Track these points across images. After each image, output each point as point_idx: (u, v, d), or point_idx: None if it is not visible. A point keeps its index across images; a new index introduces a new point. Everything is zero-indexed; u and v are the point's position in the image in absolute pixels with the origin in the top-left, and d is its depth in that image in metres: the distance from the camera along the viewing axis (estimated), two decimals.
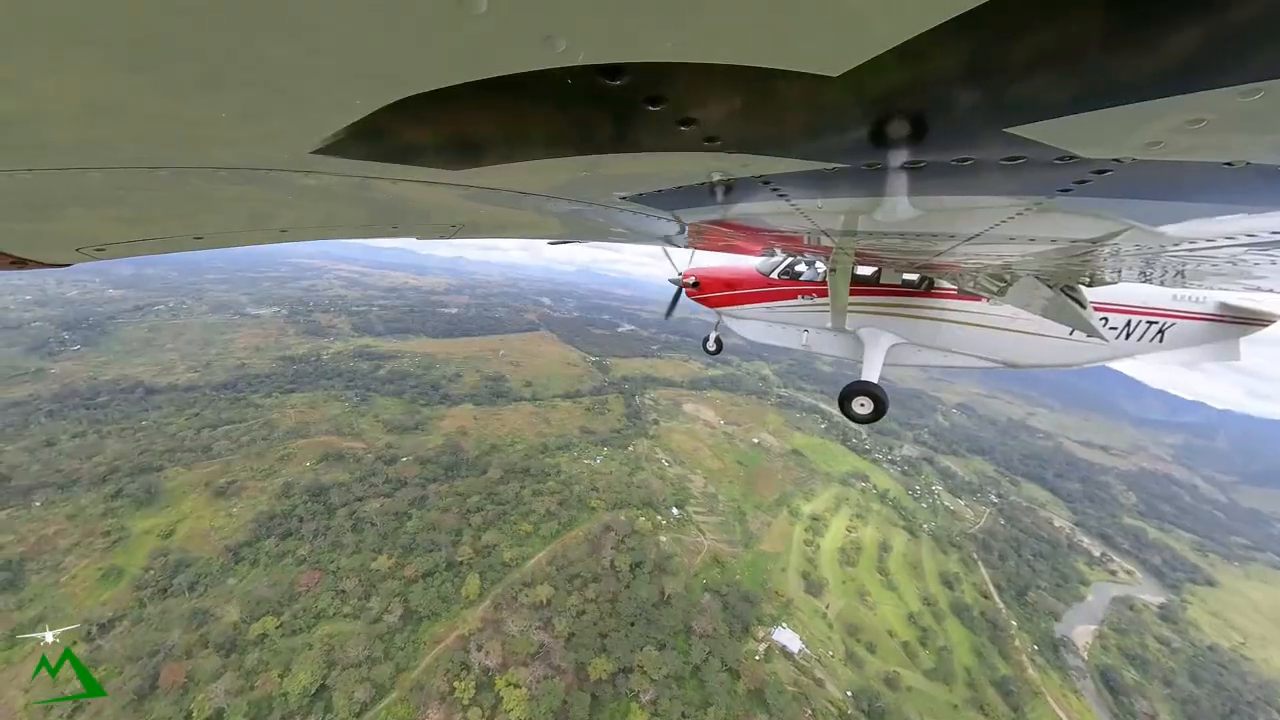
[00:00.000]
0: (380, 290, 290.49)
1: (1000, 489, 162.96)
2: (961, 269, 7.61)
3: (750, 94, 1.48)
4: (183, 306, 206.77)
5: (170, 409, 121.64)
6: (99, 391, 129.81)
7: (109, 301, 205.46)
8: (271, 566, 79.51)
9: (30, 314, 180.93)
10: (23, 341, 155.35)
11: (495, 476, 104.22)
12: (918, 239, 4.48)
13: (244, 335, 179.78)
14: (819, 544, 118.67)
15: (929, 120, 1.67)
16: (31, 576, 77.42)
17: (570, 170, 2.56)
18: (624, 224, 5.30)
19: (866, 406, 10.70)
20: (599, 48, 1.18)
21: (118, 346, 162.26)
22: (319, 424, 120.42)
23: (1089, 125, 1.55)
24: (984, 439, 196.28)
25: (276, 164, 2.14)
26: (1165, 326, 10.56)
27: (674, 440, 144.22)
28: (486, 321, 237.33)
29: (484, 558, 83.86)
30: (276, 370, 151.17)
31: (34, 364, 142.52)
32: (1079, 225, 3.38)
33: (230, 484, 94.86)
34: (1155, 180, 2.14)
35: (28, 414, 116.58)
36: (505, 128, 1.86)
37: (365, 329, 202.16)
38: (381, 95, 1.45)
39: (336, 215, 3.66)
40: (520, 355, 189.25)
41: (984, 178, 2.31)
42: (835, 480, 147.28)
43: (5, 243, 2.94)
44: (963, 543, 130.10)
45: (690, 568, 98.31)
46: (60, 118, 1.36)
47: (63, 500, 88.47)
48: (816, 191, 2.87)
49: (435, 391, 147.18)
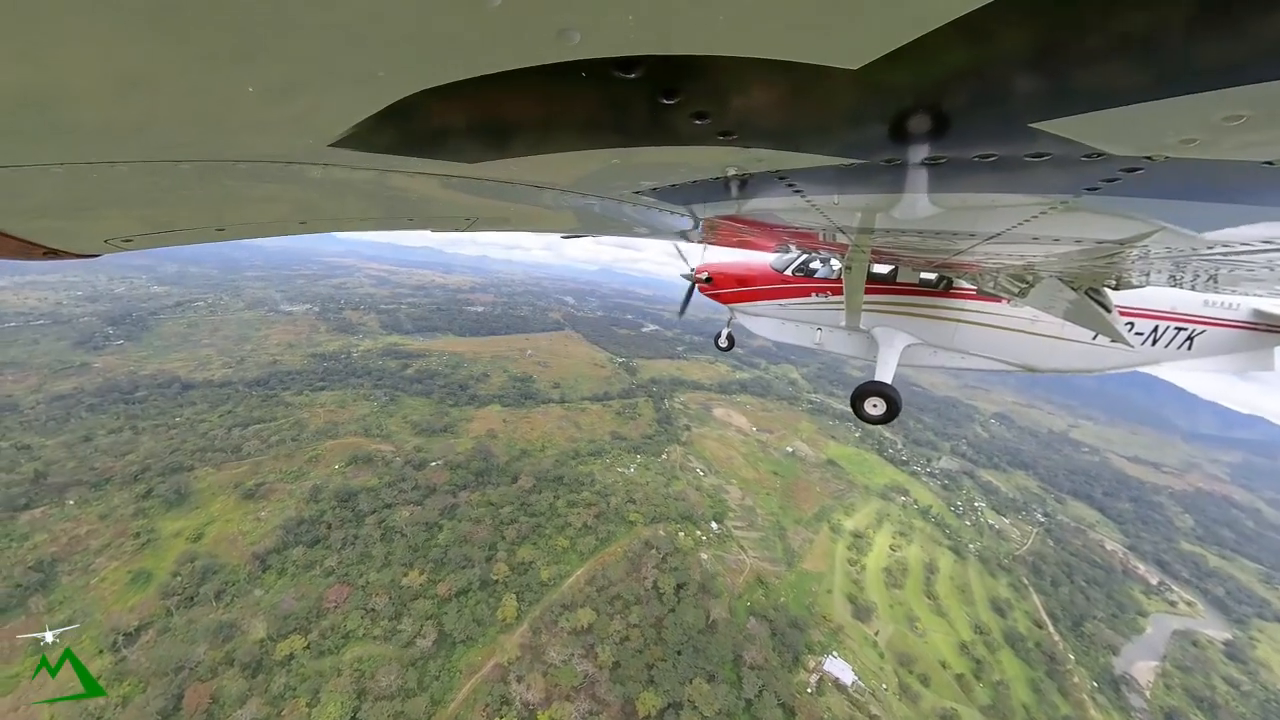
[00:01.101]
0: (408, 288, 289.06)
1: (1046, 507, 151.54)
2: (981, 269, 7.32)
3: (767, 87, 1.44)
4: (220, 303, 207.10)
5: (204, 405, 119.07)
6: (138, 386, 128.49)
7: (152, 297, 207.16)
8: (299, 577, 74.69)
9: (81, 309, 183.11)
10: (71, 335, 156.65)
11: (527, 485, 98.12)
12: (936, 237, 4.26)
13: (277, 331, 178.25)
14: (863, 563, 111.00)
15: (951, 115, 1.59)
16: (63, 578, 74.17)
17: (585, 164, 2.48)
18: (638, 218, 5.01)
19: (879, 407, 10.22)
20: (614, 41, 1.15)
21: (158, 341, 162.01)
22: (348, 424, 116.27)
23: (1119, 121, 1.46)
24: (1025, 452, 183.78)
25: (296, 156, 2.10)
26: (1195, 333, 9.91)
27: (707, 448, 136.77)
28: (512, 320, 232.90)
29: (520, 575, 77.73)
30: (307, 367, 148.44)
31: (80, 357, 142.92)
32: (1106, 226, 3.15)
33: (259, 486, 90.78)
34: (1189, 179, 2.00)
35: (70, 407, 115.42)
36: (520, 121, 1.84)
37: (394, 326, 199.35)
38: (397, 89, 1.42)
39: (353, 208, 3.56)
40: (547, 355, 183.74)
41: (1007, 175, 2.18)
42: (874, 494, 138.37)
43: (39, 235, 2.96)
44: (1012, 566, 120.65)
45: (733, 588, 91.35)
46: (90, 95, 1.29)
47: (95, 499, 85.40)
48: (833, 187, 2.76)
49: (463, 392, 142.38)
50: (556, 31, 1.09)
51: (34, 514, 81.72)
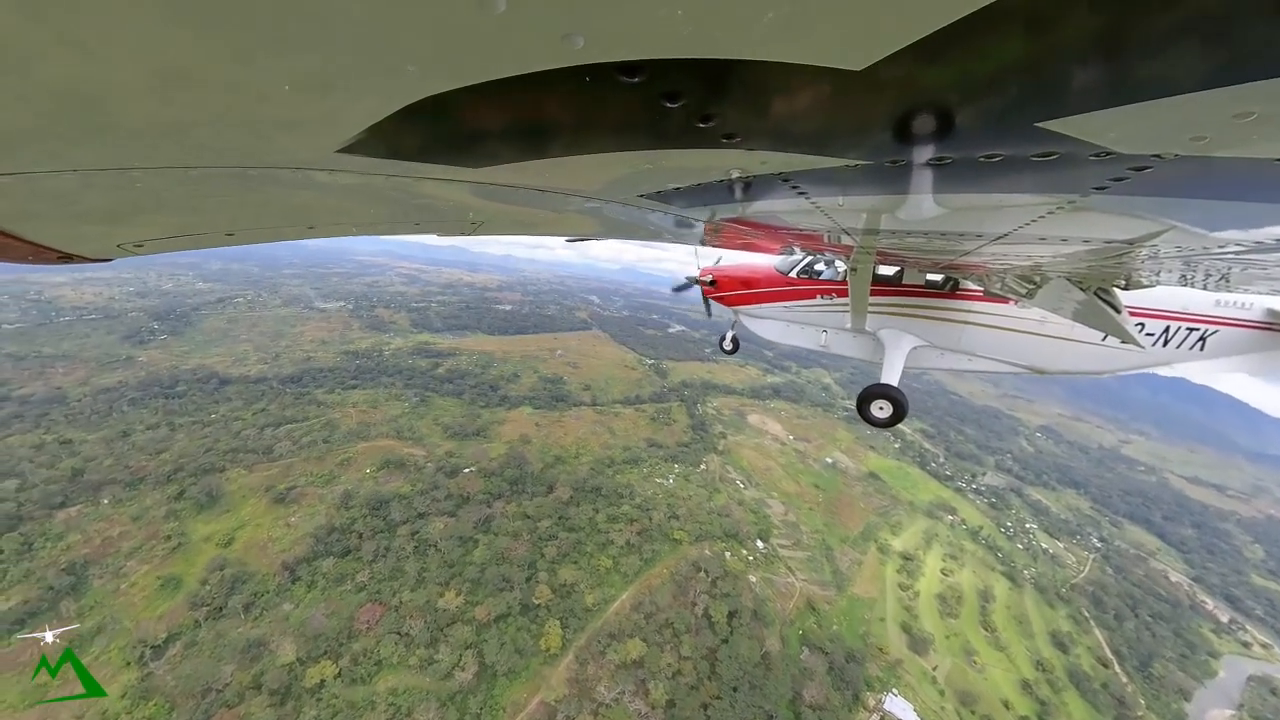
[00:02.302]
0: (437, 286, 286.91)
1: (1101, 531, 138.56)
2: (988, 270, 7.20)
3: (770, 90, 1.41)
4: (259, 299, 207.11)
5: (239, 402, 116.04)
6: (178, 380, 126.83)
7: (196, 294, 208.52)
8: (329, 591, 69.37)
9: (131, 304, 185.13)
10: (120, 330, 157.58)
11: (564, 496, 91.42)
12: (942, 238, 4.16)
13: (311, 328, 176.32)
14: (915, 589, 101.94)
15: (956, 115, 1.54)
16: (94, 581, 70.43)
17: (588, 168, 2.46)
18: (642, 221, 5.00)
19: (885, 410, 9.90)
20: (618, 45, 1.13)
21: (199, 337, 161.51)
22: (379, 425, 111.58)
23: (1128, 119, 1.41)
24: (1075, 469, 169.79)
25: (304, 163, 2.10)
26: (1208, 334, 9.53)
27: (744, 457, 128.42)
28: (540, 319, 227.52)
29: (563, 599, 70.78)
30: (340, 365, 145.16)
31: (126, 351, 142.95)
32: (1115, 225, 3.07)
33: (290, 490, 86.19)
34: (1199, 177, 1.94)
35: (113, 401, 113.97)
36: (525, 126, 1.81)
37: (424, 325, 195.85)
38: (403, 95, 1.41)
39: (360, 213, 3.56)
40: (577, 356, 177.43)
41: (1013, 175, 2.13)
42: (920, 511, 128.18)
43: (54, 240, 2.97)
44: (1071, 596, 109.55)
45: (784, 614, 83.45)
46: (132, 90, 1.26)
47: (129, 499, 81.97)
48: (837, 189, 2.72)
49: (494, 393, 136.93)
50: (561, 36, 1.08)
51: (70, 512, 78.59)
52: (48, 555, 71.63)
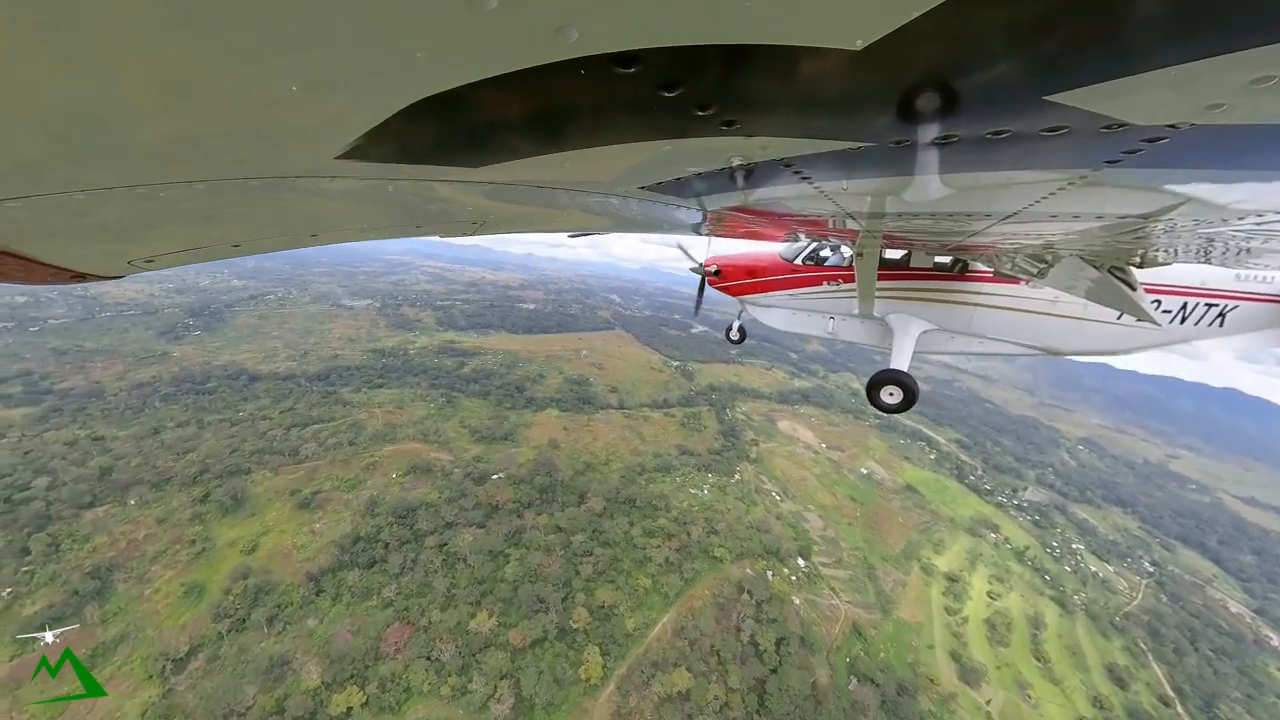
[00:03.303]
0: (461, 285, 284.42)
1: (1153, 554, 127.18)
2: (998, 250, 6.91)
3: (767, 74, 1.36)
4: (289, 296, 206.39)
5: (267, 400, 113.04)
6: (209, 376, 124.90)
7: (231, 291, 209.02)
8: (355, 606, 64.58)
9: (169, 300, 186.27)
10: (156, 326, 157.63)
11: (598, 507, 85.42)
12: (950, 219, 4.04)
13: (339, 325, 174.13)
14: (963, 614, 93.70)
15: (960, 92, 1.46)
16: (118, 585, 66.94)
17: (588, 163, 2.40)
18: (644, 213, 4.84)
19: (896, 396, 9.56)
20: (611, 36, 1.10)
21: (232, 333, 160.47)
22: (405, 427, 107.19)
23: (1140, 88, 1.33)
24: (1122, 486, 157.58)
25: (304, 171, 2.09)
26: (1227, 309, 9.06)
27: (778, 466, 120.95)
28: (563, 318, 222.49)
29: (602, 623, 64.81)
30: (366, 363, 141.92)
31: (161, 347, 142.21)
32: (1129, 200, 2.92)
33: (315, 495, 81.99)
34: (1217, 147, 1.83)
35: (146, 396, 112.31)
36: (522, 123, 1.78)
37: (449, 323, 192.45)
38: (398, 98, 1.38)
39: (361, 218, 3.54)
40: (602, 357, 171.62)
41: (1022, 151, 2.03)
42: (961, 528, 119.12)
43: (68, 260, 3.00)
44: (1125, 625, 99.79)
45: (830, 640, 76.43)
46: (136, 106, 1.22)
47: (155, 500, 78.67)
48: (840, 172, 2.63)
49: (520, 394, 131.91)
50: (554, 29, 1.05)
51: (97, 513, 75.56)
52: (74, 558, 68.46)
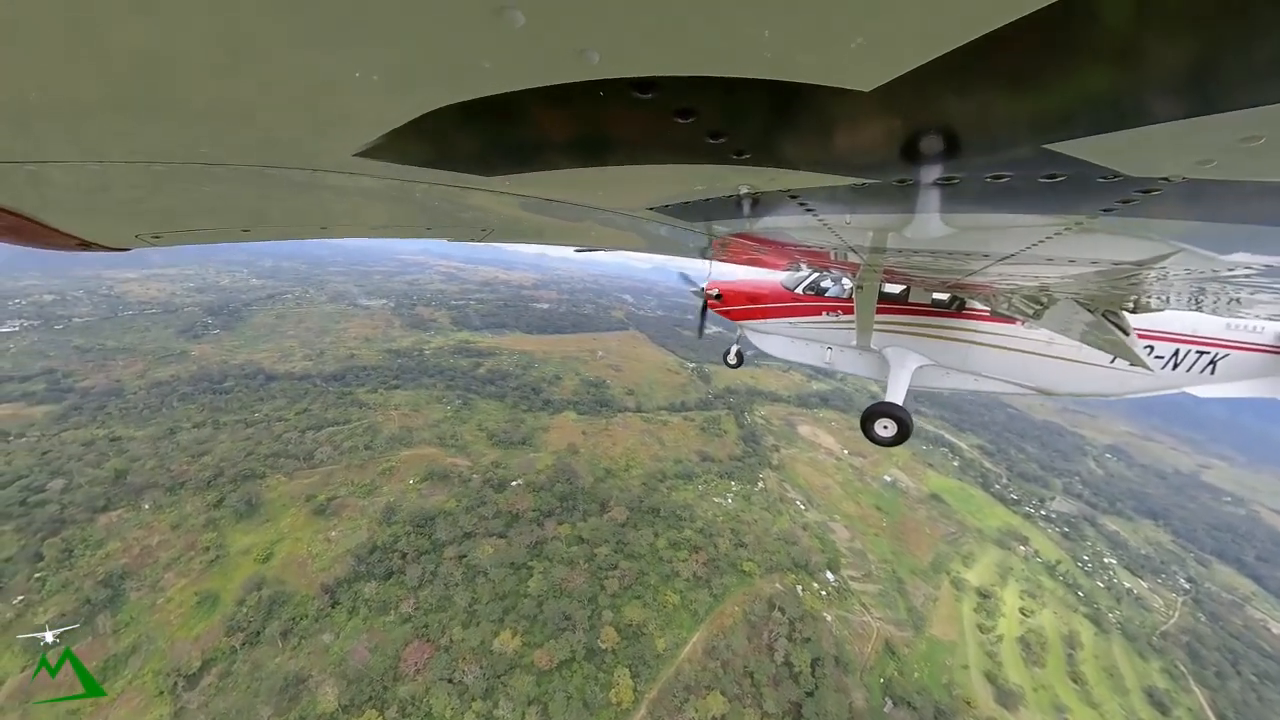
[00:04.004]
0: (475, 284, 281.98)
1: (1187, 570, 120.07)
2: (995, 290, 6.94)
3: (780, 109, 1.38)
4: (306, 296, 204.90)
5: (283, 400, 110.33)
6: (227, 375, 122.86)
7: (249, 290, 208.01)
8: (372, 620, 61.03)
9: (190, 299, 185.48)
10: (176, 324, 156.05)
11: (620, 517, 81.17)
12: (949, 257, 4.11)
13: (355, 325, 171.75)
14: (997, 631, 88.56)
15: (964, 136, 1.51)
16: (131, 594, 64.07)
17: (600, 180, 2.44)
18: (652, 234, 4.90)
19: (890, 429, 9.64)
20: (632, 62, 1.11)
21: (250, 332, 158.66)
22: (421, 430, 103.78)
23: (1135, 142, 1.38)
24: (1152, 497, 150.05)
25: (321, 164, 2.11)
26: (1218, 357, 9.24)
27: (800, 473, 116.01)
28: (577, 319, 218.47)
29: (631, 643, 60.54)
30: (382, 363, 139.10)
31: (181, 346, 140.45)
32: (1123, 247, 3.00)
33: (330, 501, 78.71)
34: (1208, 200, 1.90)
35: (164, 396, 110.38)
36: (539, 137, 1.80)
37: (463, 323, 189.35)
38: (421, 103, 1.39)
39: (373, 215, 3.57)
40: (618, 358, 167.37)
41: (1021, 196, 2.08)
42: (990, 540, 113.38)
43: (75, 227, 2.95)
44: (1164, 646, 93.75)
45: (864, 659, 71.80)
46: (170, 84, 1.20)
47: (170, 504, 75.87)
48: (845, 207, 2.69)
49: (536, 396, 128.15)
50: (577, 52, 1.06)
51: (111, 517, 72.91)
52: (87, 565, 65.73)
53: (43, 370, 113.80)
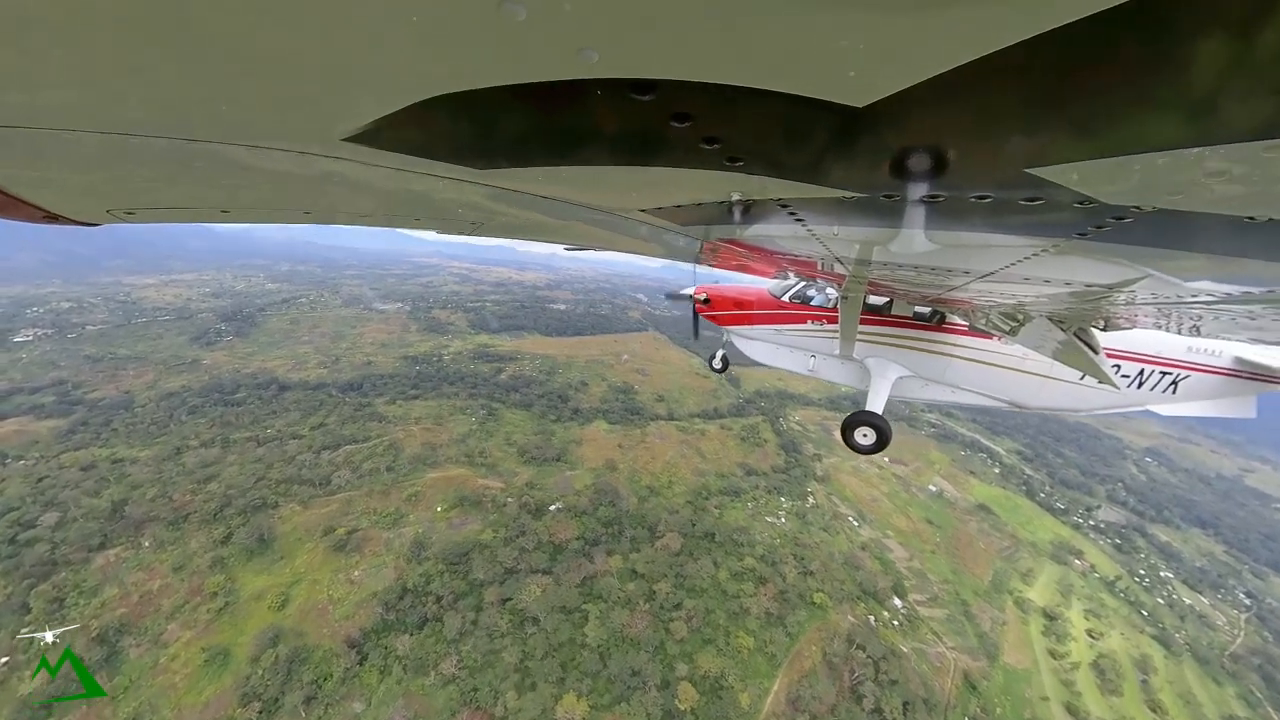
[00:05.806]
0: (489, 285, 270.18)
1: (1245, 583, 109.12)
2: (974, 306, 7.01)
3: (776, 119, 1.38)
4: (321, 300, 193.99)
5: (296, 413, 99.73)
6: (239, 386, 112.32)
7: (264, 294, 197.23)
8: (408, 684, 50.85)
9: (205, 305, 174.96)
10: (190, 331, 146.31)
11: (674, 545, 70.62)
12: (931, 272, 4.13)
13: (370, 330, 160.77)
14: (1070, 658, 79.25)
15: (951, 156, 1.53)
16: (130, 651, 53.79)
17: (592, 179, 2.37)
18: (641, 236, 4.85)
19: (869, 437, 9.59)
20: (631, 63, 1.09)
21: (263, 338, 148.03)
22: (447, 447, 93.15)
23: (1109, 171, 1.42)
24: (1199, 504, 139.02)
25: (308, 147, 2.02)
26: (1179, 378, 9.44)
27: (846, 485, 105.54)
28: (595, 319, 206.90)
29: (711, 700, 50.36)
30: (400, 370, 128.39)
31: (193, 354, 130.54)
32: (1095, 270, 3.05)
33: (351, 534, 68.34)
34: (1175, 230, 1.95)
35: (173, 409, 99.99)
36: (533, 133, 1.75)
37: (481, 325, 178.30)
38: (415, 91, 1.34)
39: (359, 202, 3.43)
40: (642, 361, 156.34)
41: (1002, 216, 2.10)
42: (1045, 555, 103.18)
43: (40, 197, 2.77)
44: (1236, 669, 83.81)
45: (946, 697, 61.96)
46: (151, 50, 1.12)
47: (172, 541, 65.47)
48: (833, 218, 2.69)
49: (564, 404, 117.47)
50: (576, 50, 1.03)
51: (108, 556, 62.62)
52: (79, 615, 55.50)
53: (53, 381, 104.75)
